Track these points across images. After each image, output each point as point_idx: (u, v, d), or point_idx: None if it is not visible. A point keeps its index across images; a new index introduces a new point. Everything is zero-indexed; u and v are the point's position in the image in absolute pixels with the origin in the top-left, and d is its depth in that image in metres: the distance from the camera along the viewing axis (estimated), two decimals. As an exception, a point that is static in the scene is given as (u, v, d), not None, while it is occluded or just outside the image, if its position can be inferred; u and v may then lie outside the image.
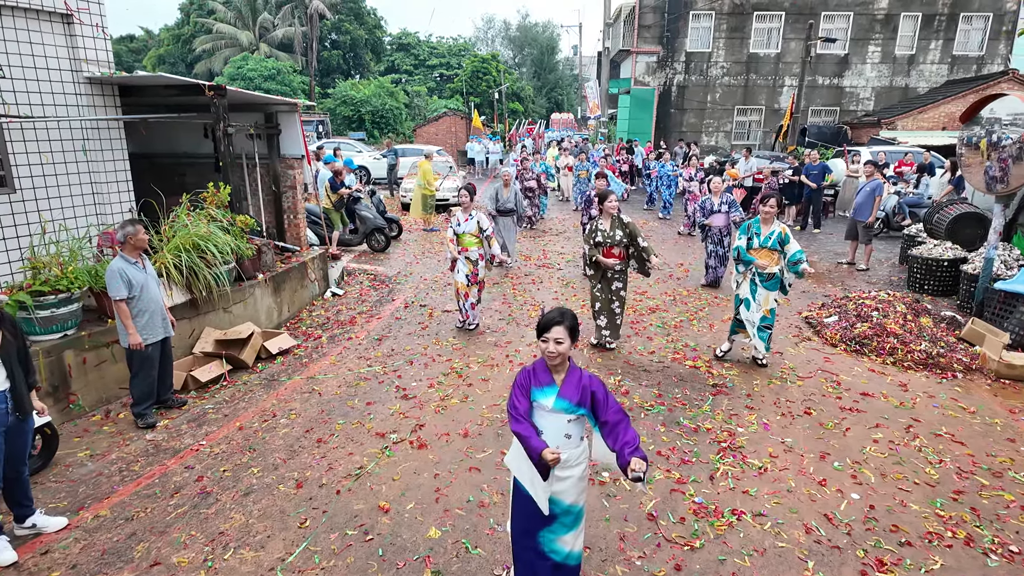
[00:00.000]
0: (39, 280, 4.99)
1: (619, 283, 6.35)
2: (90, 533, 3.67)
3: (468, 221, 6.79)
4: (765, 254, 5.85)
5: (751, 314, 5.95)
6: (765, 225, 5.91)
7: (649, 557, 3.44)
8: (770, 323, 5.98)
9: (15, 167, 5.91)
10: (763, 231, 5.90)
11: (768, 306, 5.90)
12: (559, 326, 2.64)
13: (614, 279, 6.31)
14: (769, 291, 5.89)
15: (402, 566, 3.36)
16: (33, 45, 5.99)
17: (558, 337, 2.64)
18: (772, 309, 5.93)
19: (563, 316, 2.66)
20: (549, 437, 2.71)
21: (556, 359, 2.67)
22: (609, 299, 6.36)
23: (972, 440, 4.77)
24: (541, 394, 2.72)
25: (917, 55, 24.60)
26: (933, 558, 3.45)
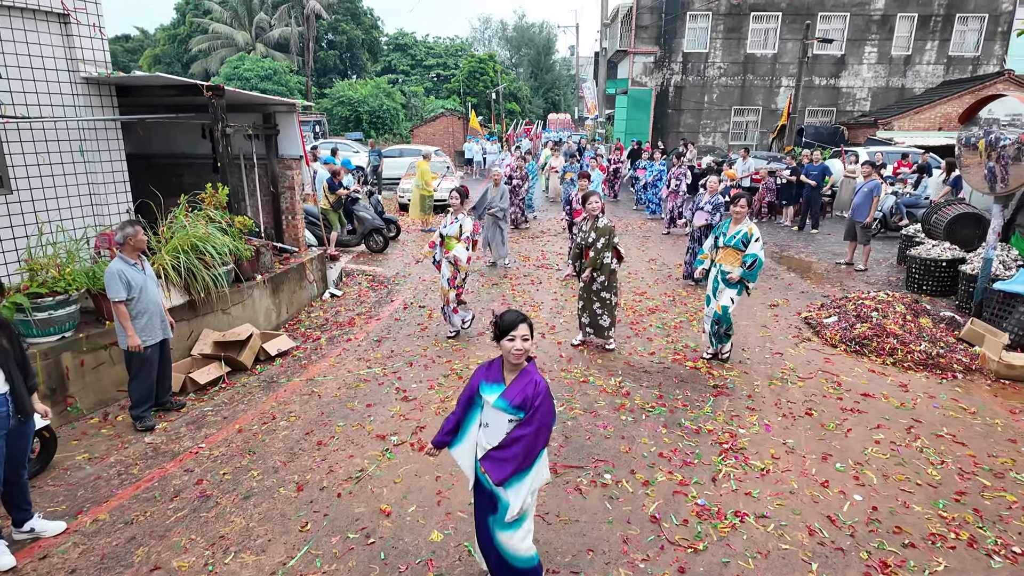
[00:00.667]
0: (36, 282, 4.95)
1: (598, 284, 6.32)
2: (89, 537, 3.64)
3: (453, 224, 6.69)
4: (729, 253, 5.91)
5: (710, 310, 6.12)
6: (734, 225, 5.95)
7: (652, 560, 3.43)
8: (720, 319, 5.99)
9: (12, 168, 5.87)
10: (730, 230, 5.95)
11: (721, 302, 5.95)
12: (523, 323, 2.72)
13: (595, 279, 6.31)
14: (727, 288, 5.94)
15: (404, 570, 3.34)
16: (30, 45, 5.94)
17: (524, 334, 2.71)
18: (724, 307, 5.95)
19: (523, 315, 2.76)
20: (493, 432, 2.84)
21: (521, 356, 2.73)
22: (589, 298, 6.39)
23: (973, 441, 4.77)
24: (488, 389, 2.83)
25: (913, 56, 24.68)
26: (937, 560, 3.45)
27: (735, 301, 5.96)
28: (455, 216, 6.71)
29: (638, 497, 4.00)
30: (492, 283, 9.32)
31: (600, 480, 4.18)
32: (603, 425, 4.94)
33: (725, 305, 5.93)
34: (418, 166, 13.72)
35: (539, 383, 2.77)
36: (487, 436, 2.87)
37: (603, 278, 6.30)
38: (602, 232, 6.13)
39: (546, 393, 2.78)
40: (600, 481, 4.17)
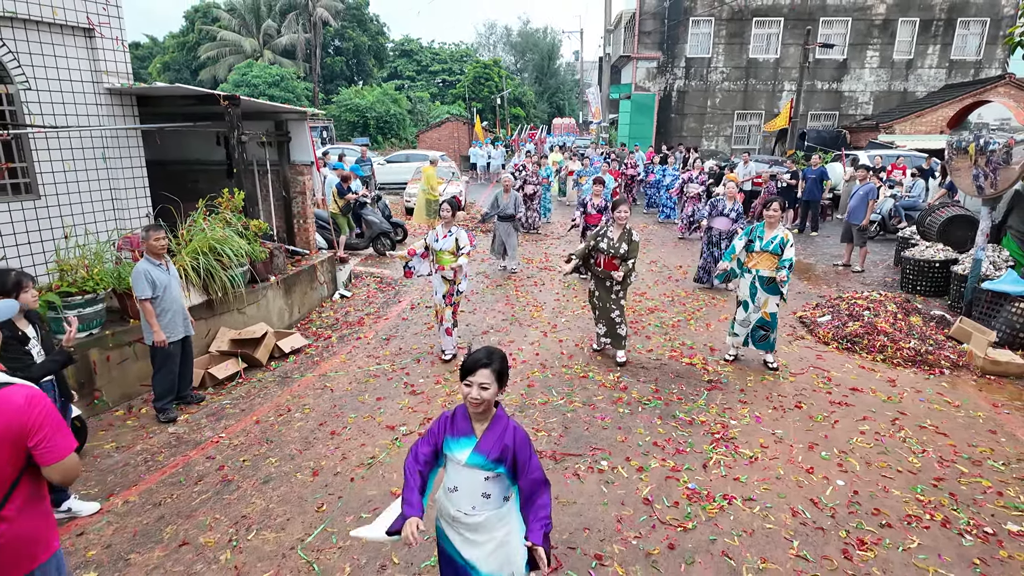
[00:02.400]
0: (66, 282, 5.26)
1: (622, 290, 6.25)
2: (121, 517, 3.93)
3: (447, 238, 6.27)
4: (766, 258, 5.92)
5: (748, 315, 6.07)
6: (769, 229, 5.95)
7: (644, 537, 3.68)
8: (768, 325, 6.01)
9: (40, 175, 6.19)
10: (766, 235, 5.95)
11: (768, 308, 5.97)
12: (485, 369, 2.30)
13: (614, 287, 6.18)
14: (769, 295, 5.94)
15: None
16: (57, 58, 6.27)
17: (483, 382, 2.30)
18: (773, 313, 5.97)
19: (491, 357, 2.34)
20: (464, 496, 2.40)
21: (479, 407, 2.34)
22: (607, 307, 6.23)
23: (955, 432, 5.00)
24: (456, 445, 2.38)
25: (915, 59, 24.88)
26: (911, 538, 3.69)
27: (779, 306, 6.00)
28: (447, 229, 6.29)
29: (632, 482, 4.25)
30: (496, 284, 9.59)
31: (597, 466, 4.43)
32: (601, 417, 5.20)
33: (774, 312, 5.96)
34: (424, 171, 13.97)
35: (517, 429, 2.40)
36: (456, 502, 2.42)
37: (624, 288, 6.27)
38: (635, 248, 6.01)
39: (527, 441, 2.40)
40: (597, 467, 4.42)
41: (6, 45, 5.84)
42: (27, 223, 6.08)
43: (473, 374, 2.31)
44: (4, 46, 5.83)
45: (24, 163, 6.12)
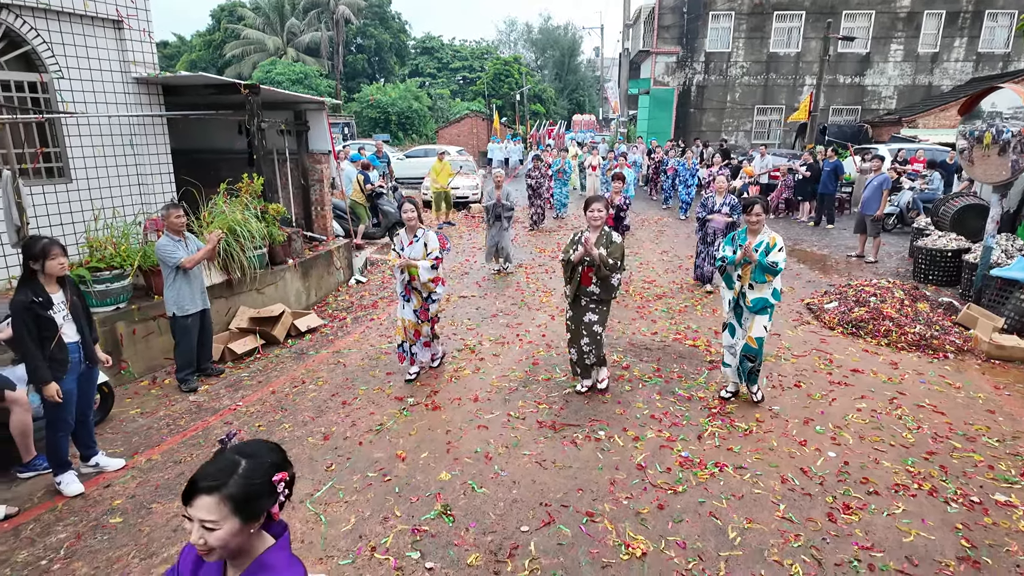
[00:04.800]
0: (95, 258, 5.57)
1: (594, 315, 5.05)
2: (144, 472, 4.20)
3: (413, 244, 5.33)
4: (750, 270, 4.86)
5: (735, 343, 5.05)
6: (752, 236, 4.91)
7: (636, 498, 3.84)
8: (754, 354, 4.90)
9: (72, 159, 6.54)
10: (749, 242, 4.86)
11: (754, 333, 4.85)
12: (208, 496, 1.46)
13: (588, 308, 5.03)
14: (756, 315, 4.86)
15: (415, 500, 3.81)
16: (88, 49, 6.61)
17: (205, 519, 1.46)
18: (760, 339, 4.84)
19: (218, 477, 1.48)
20: None
21: (208, 553, 1.50)
22: (578, 331, 5.13)
23: (953, 411, 5.05)
24: None
25: (941, 53, 24.44)
26: (897, 504, 3.79)
27: (768, 330, 4.95)
28: (413, 233, 5.37)
29: (627, 449, 4.41)
30: (507, 272, 9.77)
31: (594, 436, 4.59)
32: (601, 392, 5.35)
33: (759, 336, 4.84)
34: (432, 168, 14.09)
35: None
36: None
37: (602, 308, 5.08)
38: (615, 251, 4.86)
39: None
40: (594, 436, 4.59)
41: (40, 36, 6.18)
42: (60, 205, 6.43)
43: (190, 503, 1.47)
44: (39, 36, 6.16)
45: (57, 148, 6.47)
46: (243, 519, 1.50)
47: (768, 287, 4.82)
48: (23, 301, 3.66)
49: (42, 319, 3.71)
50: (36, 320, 3.68)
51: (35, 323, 3.68)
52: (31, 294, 3.68)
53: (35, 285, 3.73)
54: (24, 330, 3.65)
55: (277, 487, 1.57)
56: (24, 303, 3.65)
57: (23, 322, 3.65)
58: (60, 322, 3.81)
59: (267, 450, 1.62)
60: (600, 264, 4.79)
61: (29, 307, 3.66)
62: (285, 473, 1.59)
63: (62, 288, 3.91)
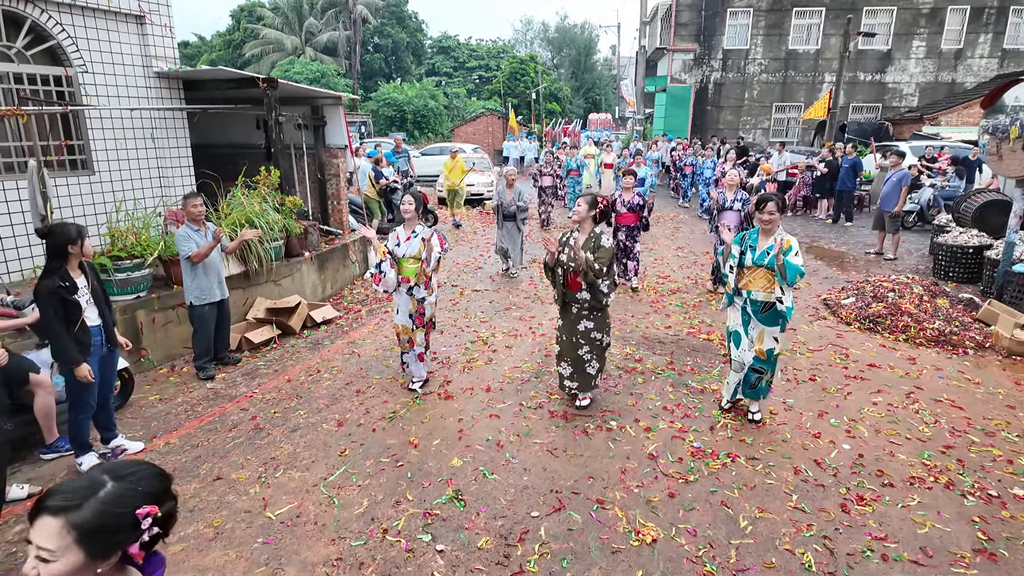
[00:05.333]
0: (117, 247, 5.68)
1: (589, 321, 4.60)
2: (162, 455, 4.28)
3: (410, 240, 4.93)
4: (761, 275, 4.35)
5: (740, 353, 4.52)
6: (763, 237, 4.41)
7: (646, 486, 3.84)
8: (764, 368, 4.44)
9: (95, 152, 6.67)
10: (760, 244, 4.38)
11: (763, 345, 4.39)
12: (51, 517, 1.22)
13: (581, 315, 4.61)
14: (765, 326, 4.37)
15: (427, 485, 3.85)
16: (111, 43, 6.74)
17: (42, 545, 1.22)
18: (770, 350, 4.39)
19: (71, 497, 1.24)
20: None
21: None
22: (574, 341, 4.66)
23: (972, 406, 4.98)
24: None
25: (965, 49, 24.02)
26: (912, 497, 3.74)
27: (780, 341, 4.43)
28: (410, 229, 5.00)
29: (639, 440, 4.40)
30: (521, 267, 9.78)
31: (606, 425, 4.60)
32: (615, 383, 5.35)
33: (770, 348, 4.37)
34: (444, 165, 13.86)
35: None
36: None
37: (598, 315, 4.63)
38: (603, 254, 4.43)
39: None
40: (606, 426, 4.59)
41: (65, 30, 6.31)
42: (83, 196, 6.57)
43: (31, 524, 1.24)
44: (64, 31, 6.30)
45: (81, 141, 6.60)
46: (89, 554, 1.22)
47: (786, 294, 4.23)
48: (50, 286, 3.77)
49: (68, 303, 3.81)
50: (63, 304, 3.79)
51: (63, 307, 3.79)
52: (58, 279, 3.79)
53: (61, 271, 3.84)
54: (52, 313, 3.76)
55: (142, 522, 1.28)
56: (51, 287, 3.76)
57: (51, 306, 3.75)
58: (84, 306, 3.91)
59: (147, 476, 1.34)
60: (586, 269, 4.36)
61: (56, 291, 3.77)
62: (156, 507, 1.30)
63: (84, 274, 4.01)
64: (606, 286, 4.51)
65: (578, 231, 4.62)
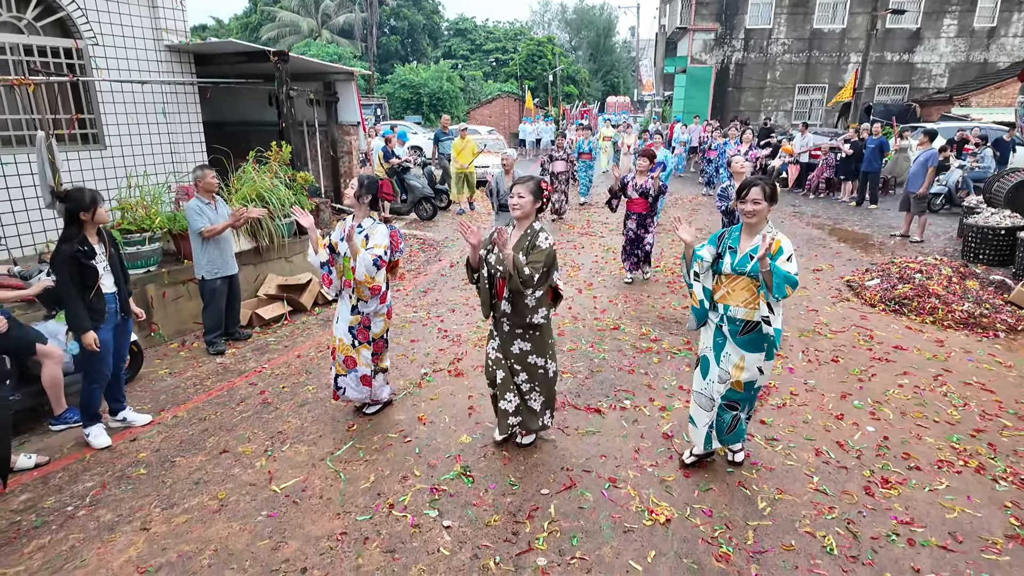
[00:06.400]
0: (127, 220, 5.64)
1: (524, 342, 3.63)
2: (170, 428, 4.24)
3: (356, 232, 3.96)
4: (742, 286, 3.29)
5: (707, 385, 3.50)
6: (746, 235, 3.35)
7: (660, 466, 3.71)
8: (741, 402, 3.41)
9: (106, 126, 6.63)
10: (741, 245, 3.34)
11: (743, 376, 3.33)
12: None
13: (515, 334, 3.64)
14: (746, 352, 3.32)
15: (435, 462, 3.76)
16: (121, 16, 6.66)
17: None
18: (750, 383, 3.36)
19: None
20: None
21: None
22: (510, 367, 3.69)
23: (1003, 389, 4.77)
24: None
25: (998, 27, 23.22)
26: (940, 480, 3.58)
27: (765, 372, 3.37)
28: (358, 222, 4.01)
29: (654, 419, 4.27)
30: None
31: (619, 405, 4.47)
32: (629, 363, 5.22)
33: (752, 380, 3.36)
34: (453, 146, 12.79)
35: None
36: None
37: (533, 333, 3.63)
38: (537, 257, 3.44)
39: None
40: (620, 406, 4.46)
41: (75, 2, 6.23)
42: (95, 171, 6.54)
43: None
44: (74, 2, 6.22)
45: (92, 115, 6.56)
46: None
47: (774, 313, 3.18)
48: (68, 250, 3.74)
49: (86, 268, 3.78)
50: (80, 269, 3.76)
51: (79, 272, 3.76)
52: (76, 244, 3.76)
53: (80, 236, 3.81)
54: (68, 278, 3.73)
55: None
56: (69, 251, 3.74)
57: (67, 271, 3.73)
58: (101, 272, 3.87)
59: None
60: (513, 272, 3.33)
61: (74, 255, 3.73)
62: None
63: (102, 241, 3.97)
64: (535, 299, 3.49)
65: (514, 225, 3.64)
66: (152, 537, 3.13)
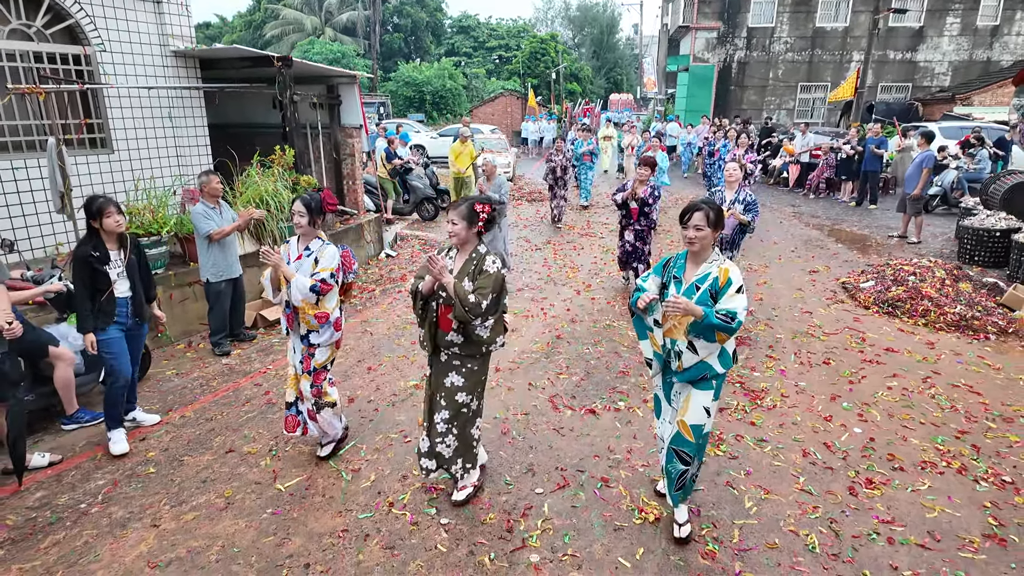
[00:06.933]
0: (134, 224, 5.77)
1: (458, 376, 3.35)
2: (178, 428, 4.38)
3: (302, 259, 3.68)
4: (689, 318, 2.89)
5: (661, 426, 3.33)
6: (692, 263, 3.06)
7: (652, 466, 3.84)
8: (690, 451, 3.09)
9: (113, 131, 6.76)
10: (687, 274, 3.04)
11: (688, 417, 3.06)
12: None
13: (451, 365, 3.36)
14: (696, 390, 3.05)
15: (433, 461, 3.89)
16: (129, 22, 6.78)
17: None
18: (697, 427, 3.06)
19: None
20: None
21: None
22: (434, 398, 3.47)
23: (990, 392, 4.87)
24: None
25: (1001, 26, 23.18)
26: (922, 481, 3.69)
27: (713, 414, 3.09)
28: (304, 244, 3.75)
29: (646, 420, 4.40)
30: (536, 248, 9.76)
31: (614, 406, 4.60)
32: (624, 365, 5.34)
33: (698, 425, 3.06)
34: (451, 150, 11.95)
35: None
36: None
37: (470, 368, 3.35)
38: (484, 283, 3.16)
39: None
40: (614, 407, 4.59)
41: (84, 9, 6.36)
42: (102, 175, 6.68)
43: None
44: (82, 10, 6.35)
45: (100, 120, 6.69)
46: None
47: (714, 347, 2.94)
48: (82, 253, 3.89)
49: (97, 272, 3.90)
50: (92, 273, 3.89)
51: (91, 276, 3.89)
52: (91, 248, 3.91)
53: (96, 240, 3.95)
54: (80, 280, 3.87)
55: None
56: (83, 255, 3.89)
57: (79, 274, 3.89)
58: (114, 278, 3.98)
59: None
60: (457, 301, 3.09)
61: (88, 260, 3.87)
62: None
63: (122, 247, 4.07)
64: (485, 329, 3.26)
65: (455, 252, 3.33)
66: (162, 533, 3.27)
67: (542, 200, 13.74)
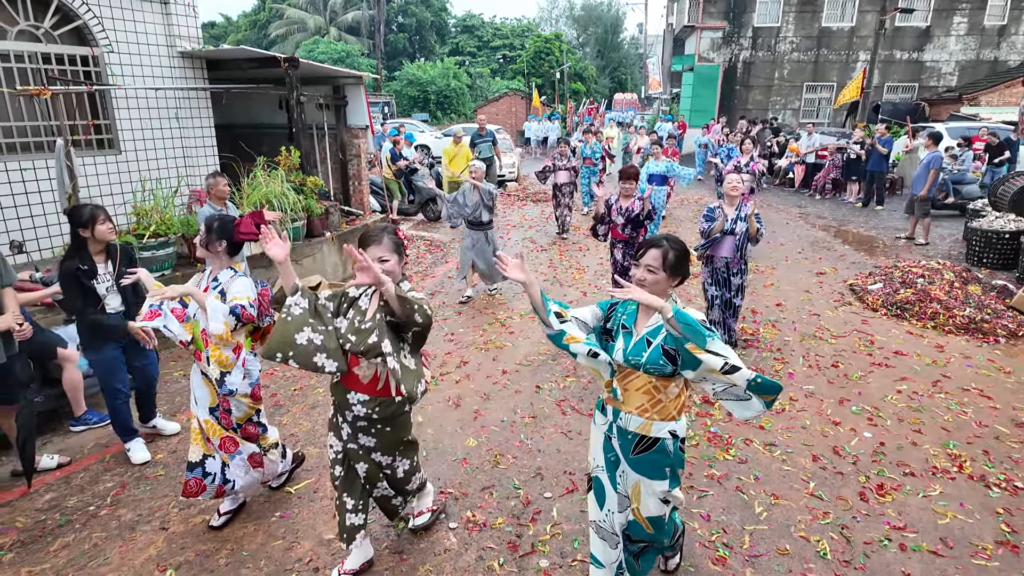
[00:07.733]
0: (142, 226, 5.78)
1: (370, 438, 2.91)
2: (186, 430, 4.38)
3: (210, 291, 3.14)
4: (639, 384, 2.41)
5: (606, 516, 2.61)
6: (644, 312, 2.48)
7: (661, 470, 3.82)
8: (655, 543, 2.66)
9: (121, 132, 6.77)
10: (639, 324, 2.47)
11: (643, 508, 2.53)
12: None
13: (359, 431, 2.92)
14: (643, 477, 2.49)
15: (442, 465, 3.88)
16: (136, 23, 6.79)
17: None
18: (657, 518, 2.54)
19: None
20: None
21: None
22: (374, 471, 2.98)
23: (1001, 395, 4.84)
24: None
25: (1009, 25, 23.04)
26: (934, 487, 3.67)
27: (673, 500, 2.56)
28: (213, 274, 3.20)
29: (655, 423, 4.38)
30: (541, 249, 9.74)
31: (622, 409, 4.58)
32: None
33: (658, 516, 2.54)
34: (444, 152, 11.50)
35: None
36: None
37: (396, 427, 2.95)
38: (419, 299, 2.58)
39: None
40: (622, 410, 4.57)
41: (91, 10, 6.37)
42: (110, 175, 6.69)
43: None
44: (90, 11, 6.36)
45: (107, 121, 6.71)
46: None
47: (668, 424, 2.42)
48: (69, 267, 3.70)
49: (86, 288, 3.72)
50: (81, 288, 3.71)
51: (80, 291, 3.71)
52: (78, 261, 3.70)
53: (82, 253, 3.73)
54: (70, 295, 3.74)
55: None
56: (69, 269, 3.69)
57: (69, 288, 3.73)
58: (103, 293, 3.78)
59: None
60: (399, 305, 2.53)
61: (75, 274, 3.69)
62: None
63: (110, 258, 3.84)
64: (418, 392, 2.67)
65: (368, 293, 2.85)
66: (171, 536, 3.27)
67: (546, 201, 13.72)
